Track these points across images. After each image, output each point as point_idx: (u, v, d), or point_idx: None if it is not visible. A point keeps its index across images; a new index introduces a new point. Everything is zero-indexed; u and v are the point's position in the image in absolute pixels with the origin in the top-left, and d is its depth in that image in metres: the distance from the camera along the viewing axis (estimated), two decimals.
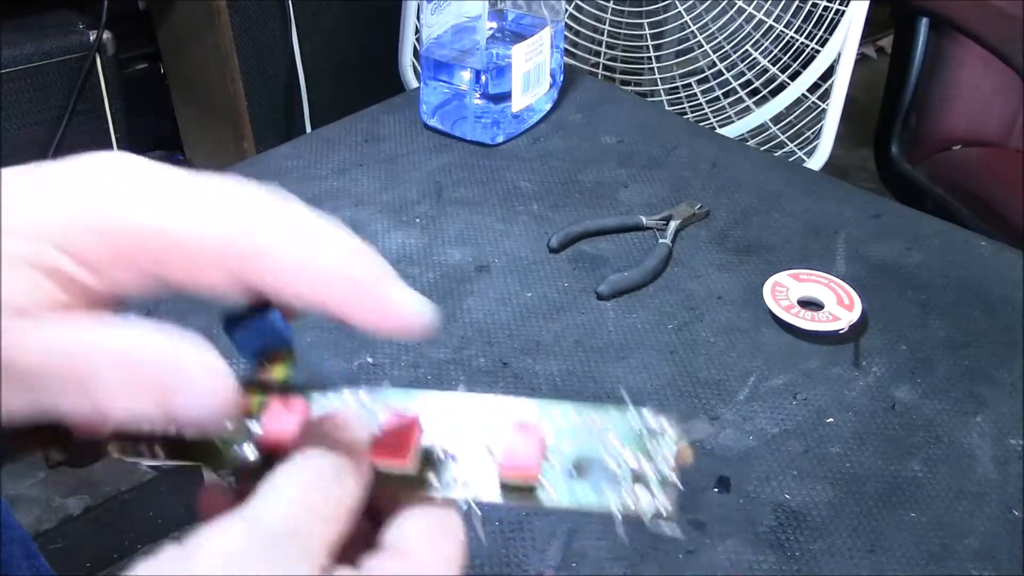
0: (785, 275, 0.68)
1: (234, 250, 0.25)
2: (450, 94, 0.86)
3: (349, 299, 0.26)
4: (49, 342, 0.24)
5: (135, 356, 0.24)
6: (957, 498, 0.52)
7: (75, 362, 0.24)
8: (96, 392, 0.24)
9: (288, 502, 0.24)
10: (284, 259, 0.25)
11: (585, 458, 0.28)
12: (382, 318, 0.26)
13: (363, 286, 0.26)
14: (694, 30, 1.29)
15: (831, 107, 1.25)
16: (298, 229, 0.26)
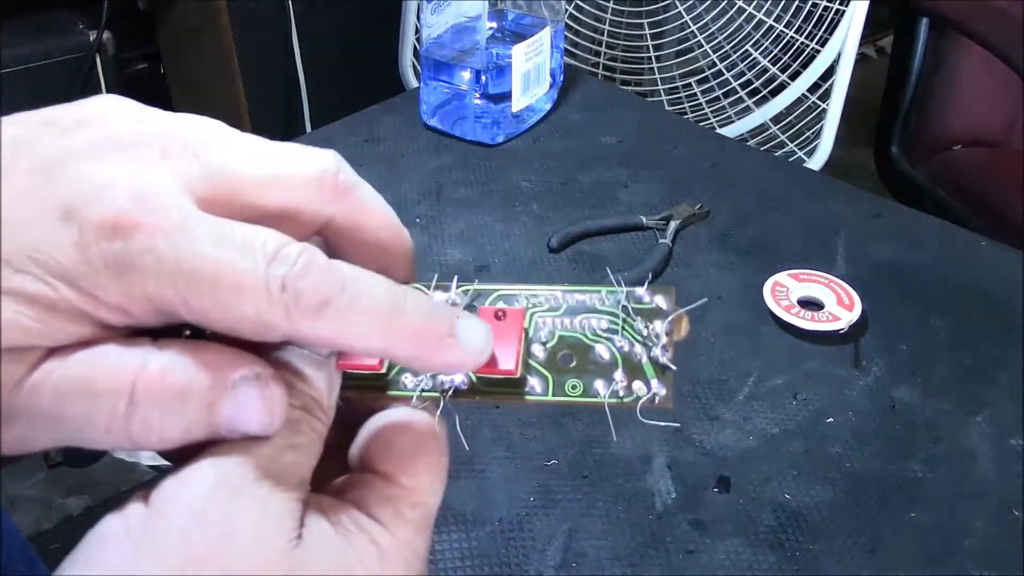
0: (785, 275, 0.68)
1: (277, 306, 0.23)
2: (450, 94, 0.86)
3: (419, 347, 0.25)
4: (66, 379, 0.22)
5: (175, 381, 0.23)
6: (957, 498, 0.52)
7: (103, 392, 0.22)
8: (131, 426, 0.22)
9: (248, 441, 0.23)
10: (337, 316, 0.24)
11: (571, 346, 0.26)
12: (449, 366, 0.26)
13: (433, 332, 0.25)
14: (694, 30, 1.29)
15: (831, 107, 1.25)
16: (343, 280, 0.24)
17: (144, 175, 0.23)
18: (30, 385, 0.22)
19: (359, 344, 0.24)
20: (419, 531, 0.25)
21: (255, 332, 0.23)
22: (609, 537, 0.50)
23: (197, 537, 0.21)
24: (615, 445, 0.55)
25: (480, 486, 0.52)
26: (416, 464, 0.26)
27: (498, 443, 0.55)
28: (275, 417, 0.23)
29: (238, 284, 0.23)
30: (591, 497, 0.52)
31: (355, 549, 0.24)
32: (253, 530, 0.22)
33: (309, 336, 0.24)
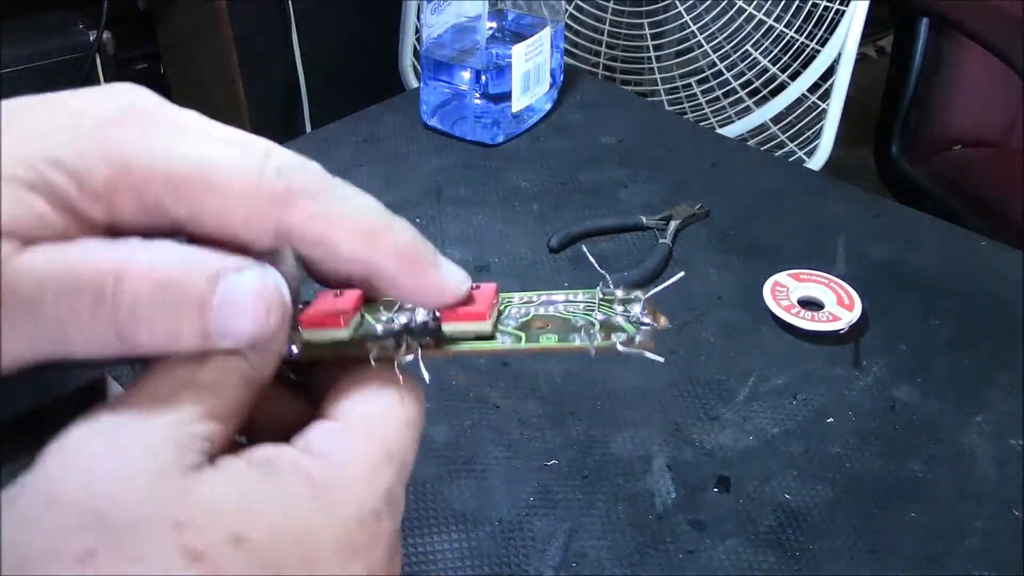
0: (785, 275, 0.68)
1: (272, 186, 0.22)
2: (450, 94, 0.86)
3: (402, 263, 0.24)
4: (50, 262, 0.20)
5: (167, 272, 0.21)
6: (957, 498, 0.52)
7: (89, 280, 0.20)
8: (118, 315, 0.21)
9: (154, 380, 0.22)
10: (328, 208, 0.23)
11: (545, 319, 0.26)
12: (429, 288, 0.25)
13: (419, 253, 0.25)
14: (694, 30, 1.29)
15: (831, 107, 1.25)
16: (343, 187, 0.24)
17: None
18: (8, 272, 0.20)
19: (346, 247, 0.24)
20: (379, 469, 0.23)
21: (245, 223, 0.22)
22: (609, 537, 0.50)
23: (60, 485, 0.20)
24: (615, 445, 0.55)
25: (480, 486, 0.52)
26: (367, 401, 0.24)
27: (498, 443, 0.55)
28: (272, 315, 0.22)
29: (231, 166, 0.22)
30: (591, 497, 0.52)
31: (278, 483, 0.21)
32: (117, 468, 0.20)
33: (299, 227, 0.23)
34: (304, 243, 0.24)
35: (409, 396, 0.25)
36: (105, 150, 0.22)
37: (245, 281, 0.22)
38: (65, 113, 0.22)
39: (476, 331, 0.25)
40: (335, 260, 0.24)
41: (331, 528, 0.21)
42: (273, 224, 0.23)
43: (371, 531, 0.22)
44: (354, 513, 0.22)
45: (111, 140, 0.22)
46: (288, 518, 0.21)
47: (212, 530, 0.20)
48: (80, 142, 0.22)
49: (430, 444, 0.55)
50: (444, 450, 0.54)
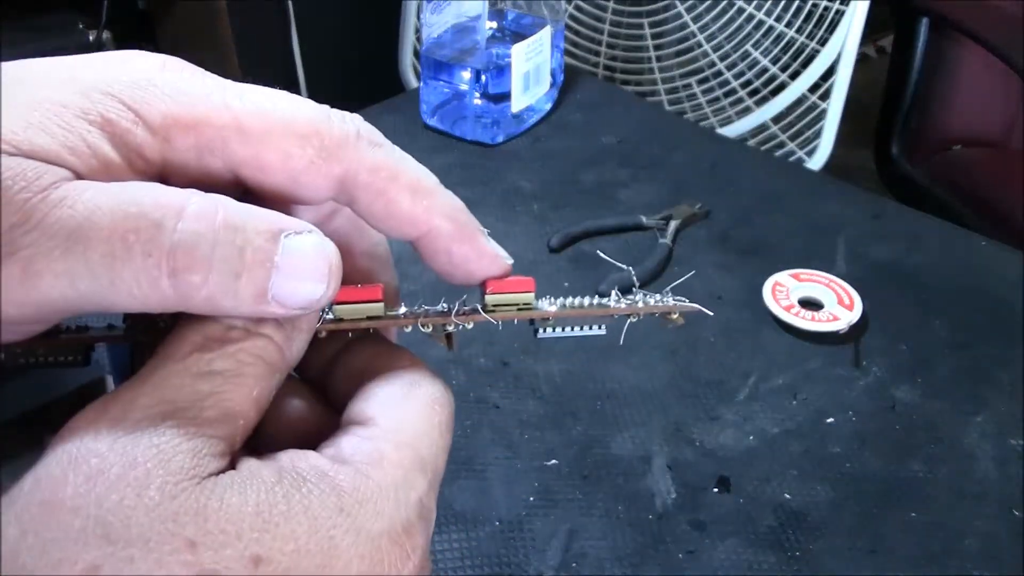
0: (785, 275, 0.68)
1: (343, 128, 0.22)
2: (450, 94, 0.86)
3: (457, 227, 0.24)
4: (103, 193, 0.19)
5: (232, 217, 0.19)
6: (957, 498, 0.52)
7: (147, 213, 0.19)
8: (176, 254, 0.19)
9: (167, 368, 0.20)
10: (392, 159, 0.23)
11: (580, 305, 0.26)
12: (481, 255, 0.25)
13: (470, 220, 0.25)
14: (694, 30, 1.29)
15: (831, 107, 1.25)
16: (393, 145, 0.24)
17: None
18: (58, 195, 0.18)
19: (406, 199, 0.23)
20: (410, 476, 0.21)
21: (310, 166, 0.21)
22: (609, 537, 0.50)
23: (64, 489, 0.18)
24: (615, 445, 0.55)
25: (480, 486, 0.52)
26: (401, 406, 0.23)
27: (498, 443, 0.55)
28: (332, 277, 0.21)
29: (299, 108, 0.22)
30: (591, 497, 0.52)
31: (303, 496, 0.19)
32: (126, 475, 0.18)
33: (365, 173, 0.22)
34: (366, 193, 0.23)
35: (441, 400, 0.24)
36: (164, 86, 0.21)
37: (307, 242, 0.21)
38: (114, 59, 0.21)
39: (521, 301, 0.25)
40: (391, 216, 0.23)
41: (359, 546, 0.20)
42: (340, 170, 0.22)
43: (402, 547, 0.21)
44: (385, 528, 0.20)
45: (170, 78, 0.21)
46: (313, 536, 0.19)
47: (230, 550, 0.18)
48: (137, 76, 0.21)
49: None
50: None
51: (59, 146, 0.19)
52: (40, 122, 0.19)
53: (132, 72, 0.21)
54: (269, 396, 0.21)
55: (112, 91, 0.20)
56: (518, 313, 0.25)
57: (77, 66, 0.21)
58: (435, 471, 0.22)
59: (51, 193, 0.18)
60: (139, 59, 0.21)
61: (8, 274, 0.18)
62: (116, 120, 0.20)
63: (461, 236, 0.24)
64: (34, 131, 0.19)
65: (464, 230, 0.24)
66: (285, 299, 0.20)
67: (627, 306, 0.26)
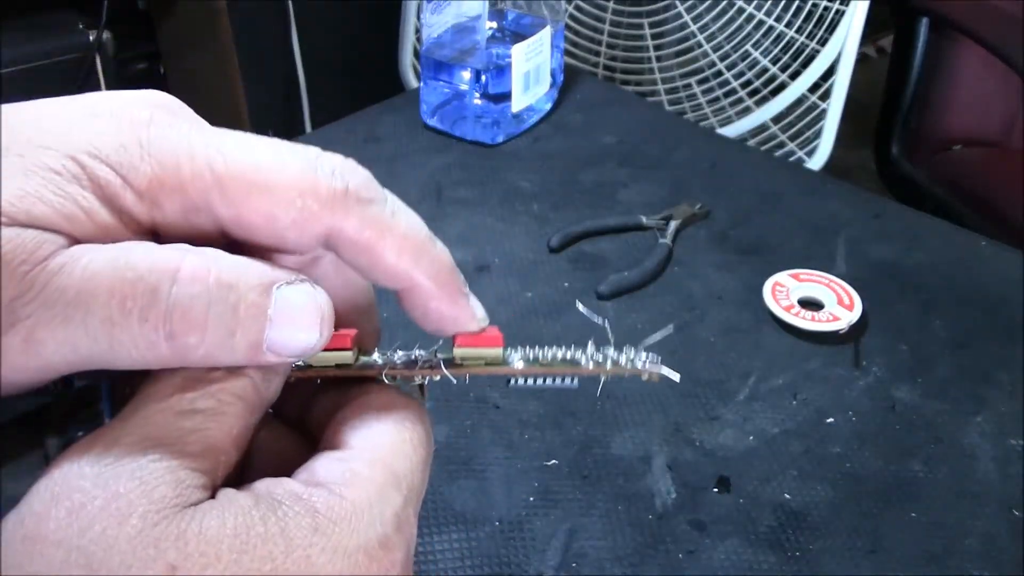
0: (785, 275, 0.68)
1: (329, 186, 0.22)
2: (450, 94, 0.86)
3: (440, 285, 0.24)
4: (100, 260, 0.19)
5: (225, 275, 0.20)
6: (957, 498, 0.52)
7: (142, 279, 0.19)
8: (172, 317, 0.19)
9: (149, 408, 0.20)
10: (381, 215, 0.23)
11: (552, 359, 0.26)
12: (458, 315, 0.25)
13: (455, 278, 0.25)
14: (694, 30, 1.29)
15: (831, 107, 1.25)
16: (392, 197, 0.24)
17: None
18: (56, 263, 0.19)
19: (392, 256, 0.23)
20: (385, 492, 0.22)
21: (295, 224, 0.22)
22: (609, 537, 0.50)
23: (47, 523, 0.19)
24: (615, 445, 0.55)
25: (480, 486, 0.52)
26: (372, 428, 0.23)
27: (498, 443, 0.55)
28: (324, 325, 0.22)
29: (284, 165, 0.22)
30: (591, 497, 0.52)
31: (278, 518, 0.20)
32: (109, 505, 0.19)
33: (351, 231, 0.22)
34: (352, 249, 0.23)
35: (412, 418, 0.24)
36: (149, 147, 0.21)
37: (299, 293, 0.21)
38: (100, 110, 0.22)
39: (489, 356, 0.25)
40: (375, 269, 0.23)
41: (336, 563, 0.20)
42: (325, 227, 0.22)
43: (380, 562, 0.21)
44: (361, 543, 0.21)
45: (154, 138, 0.21)
46: (289, 556, 0.20)
47: (210, 571, 0.19)
48: (123, 138, 0.21)
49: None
50: (444, 450, 0.54)
51: (55, 214, 0.19)
52: (36, 191, 0.19)
53: (120, 130, 0.21)
54: (248, 434, 0.22)
55: (100, 155, 0.20)
56: (485, 368, 0.25)
57: (64, 122, 0.21)
58: (411, 486, 0.23)
59: (50, 262, 0.19)
60: (128, 112, 0.22)
61: (10, 344, 0.19)
62: (106, 184, 0.20)
63: (441, 295, 0.24)
64: (30, 201, 0.19)
65: (445, 289, 0.24)
66: (280, 349, 0.21)
67: (595, 366, 0.26)
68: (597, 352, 0.26)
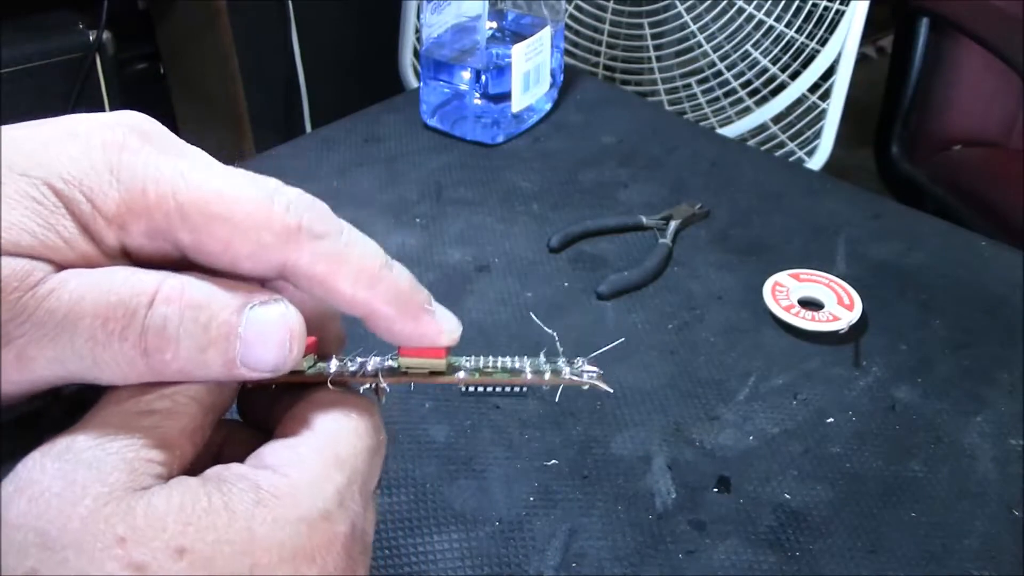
0: (785, 275, 0.68)
1: (283, 221, 0.23)
2: (450, 94, 0.86)
3: (399, 309, 0.25)
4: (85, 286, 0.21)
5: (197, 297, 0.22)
6: (957, 498, 0.52)
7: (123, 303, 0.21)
8: (147, 337, 0.21)
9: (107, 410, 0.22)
10: (334, 248, 0.24)
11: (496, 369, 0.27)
12: (423, 334, 0.26)
13: (415, 299, 0.26)
14: (694, 30, 1.29)
15: (831, 107, 1.25)
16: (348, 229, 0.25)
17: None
18: (46, 288, 0.21)
19: (347, 287, 0.24)
20: (327, 471, 0.23)
21: (250, 255, 0.23)
22: (609, 537, 0.50)
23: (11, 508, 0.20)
24: (615, 445, 0.55)
25: (480, 486, 0.52)
26: (319, 417, 0.24)
27: (498, 443, 0.55)
28: (295, 343, 0.23)
29: (241, 197, 0.23)
30: (591, 497, 0.52)
31: (223, 494, 0.21)
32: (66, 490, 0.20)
33: (305, 265, 0.24)
34: (306, 281, 0.24)
35: (358, 409, 0.25)
36: (118, 172, 0.22)
37: (271, 313, 0.23)
38: (77, 131, 0.23)
39: (432, 366, 0.26)
40: (331, 298, 0.25)
41: (276, 533, 0.21)
42: (279, 260, 0.23)
43: (321, 534, 0.22)
44: (301, 515, 0.22)
45: (124, 163, 0.23)
46: (231, 526, 0.21)
47: (156, 543, 0.20)
48: (95, 161, 0.22)
49: (430, 444, 0.55)
50: (444, 450, 0.54)
51: (41, 244, 0.21)
52: (21, 222, 0.21)
53: (92, 154, 0.22)
54: (204, 432, 0.23)
55: (74, 180, 0.22)
56: (429, 377, 0.26)
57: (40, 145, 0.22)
58: (354, 468, 0.24)
59: (39, 288, 0.21)
60: (101, 135, 0.23)
61: (5, 360, 0.21)
62: (79, 213, 0.22)
63: (403, 317, 0.25)
64: (17, 231, 0.21)
65: (405, 311, 0.25)
66: (254, 364, 0.23)
67: (534, 376, 0.27)
68: (544, 362, 0.27)
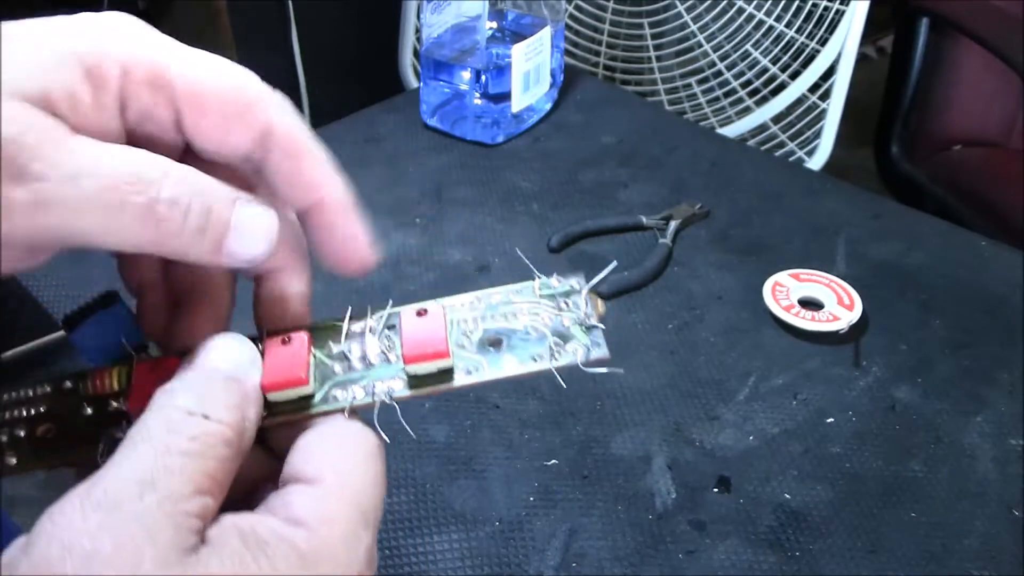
0: (785, 275, 0.68)
1: (257, 86, 0.27)
2: (450, 94, 0.86)
3: (344, 205, 0.28)
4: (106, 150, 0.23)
5: (203, 183, 0.24)
6: (957, 498, 0.52)
7: (139, 173, 0.23)
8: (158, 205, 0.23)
9: (134, 451, 0.22)
10: (304, 128, 0.27)
11: (497, 333, 0.27)
12: (356, 237, 0.28)
13: (354, 206, 0.28)
14: (694, 30, 1.29)
15: (831, 107, 1.25)
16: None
17: None
18: (72, 143, 0.22)
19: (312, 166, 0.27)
20: (358, 530, 0.24)
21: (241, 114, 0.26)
22: (609, 537, 0.50)
23: (64, 568, 0.20)
24: (615, 445, 0.55)
25: (480, 486, 0.52)
26: (342, 462, 0.25)
27: (498, 443, 0.55)
28: (273, 236, 0.25)
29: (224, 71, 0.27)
30: (591, 497, 0.52)
31: (269, 559, 0.22)
32: (120, 551, 0.20)
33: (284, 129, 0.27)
34: (279, 151, 0.26)
35: (375, 452, 0.25)
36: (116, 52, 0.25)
37: (256, 210, 0.25)
38: (73, 21, 0.25)
39: (440, 367, 0.26)
40: (296, 176, 0.27)
41: None
42: (263, 123, 0.26)
43: None
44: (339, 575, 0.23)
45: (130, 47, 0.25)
46: None
47: None
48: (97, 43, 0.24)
49: (430, 444, 0.55)
50: (444, 450, 0.54)
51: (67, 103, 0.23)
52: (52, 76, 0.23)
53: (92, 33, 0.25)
54: (230, 478, 0.24)
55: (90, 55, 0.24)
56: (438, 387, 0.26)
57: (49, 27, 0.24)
58: (375, 521, 0.25)
59: (66, 142, 0.22)
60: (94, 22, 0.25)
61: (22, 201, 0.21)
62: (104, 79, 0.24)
63: (347, 213, 0.28)
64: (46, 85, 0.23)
65: (348, 210, 0.28)
66: (235, 253, 0.25)
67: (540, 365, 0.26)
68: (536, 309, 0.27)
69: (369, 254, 0.28)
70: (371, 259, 0.28)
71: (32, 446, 0.25)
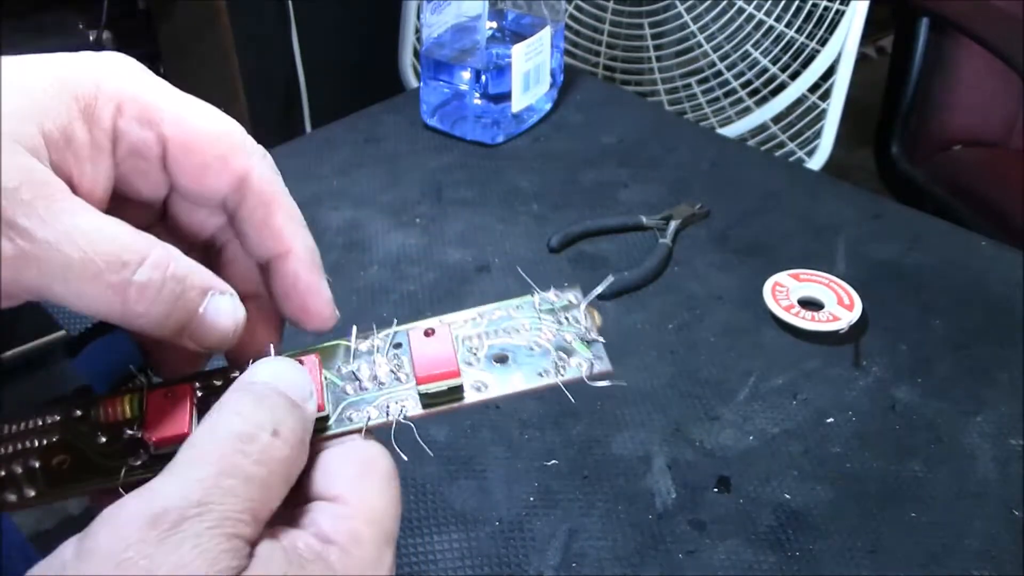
0: (785, 275, 0.68)
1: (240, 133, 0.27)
2: (450, 94, 0.86)
3: (309, 259, 0.28)
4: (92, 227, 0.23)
5: (178, 272, 0.25)
6: (957, 498, 0.52)
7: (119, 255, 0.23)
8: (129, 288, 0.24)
9: (192, 470, 0.22)
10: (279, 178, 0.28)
11: (503, 350, 0.28)
12: (318, 292, 0.29)
13: (319, 262, 0.29)
14: (694, 30, 1.29)
15: (831, 107, 1.25)
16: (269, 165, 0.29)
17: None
18: (62, 205, 0.23)
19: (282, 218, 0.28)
20: (382, 550, 0.25)
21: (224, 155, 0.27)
22: (609, 537, 0.50)
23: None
24: (615, 445, 0.55)
25: (480, 486, 0.52)
26: (365, 484, 0.26)
27: (498, 443, 0.55)
28: (239, 328, 0.26)
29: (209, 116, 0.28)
30: (591, 497, 0.52)
31: (308, 574, 0.23)
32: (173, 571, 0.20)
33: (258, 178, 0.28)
34: (253, 200, 0.27)
35: (393, 472, 0.26)
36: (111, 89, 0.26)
37: (225, 303, 0.26)
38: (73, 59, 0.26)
39: (450, 386, 0.27)
40: (266, 226, 0.28)
41: None
42: (243, 169, 0.27)
43: None
44: None
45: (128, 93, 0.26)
46: None
47: None
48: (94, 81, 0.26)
49: (430, 444, 0.55)
50: (444, 450, 0.55)
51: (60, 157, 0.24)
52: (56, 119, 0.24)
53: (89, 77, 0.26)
54: (280, 501, 0.24)
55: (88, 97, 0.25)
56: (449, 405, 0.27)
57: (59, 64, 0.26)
58: (395, 539, 0.26)
59: (57, 203, 0.23)
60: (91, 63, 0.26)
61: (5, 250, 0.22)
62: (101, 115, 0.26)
63: (310, 268, 0.28)
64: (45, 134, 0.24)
65: (314, 264, 0.29)
66: (198, 339, 0.26)
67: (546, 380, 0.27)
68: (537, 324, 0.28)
69: (330, 311, 0.29)
70: (331, 316, 0.29)
71: (48, 477, 0.25)
